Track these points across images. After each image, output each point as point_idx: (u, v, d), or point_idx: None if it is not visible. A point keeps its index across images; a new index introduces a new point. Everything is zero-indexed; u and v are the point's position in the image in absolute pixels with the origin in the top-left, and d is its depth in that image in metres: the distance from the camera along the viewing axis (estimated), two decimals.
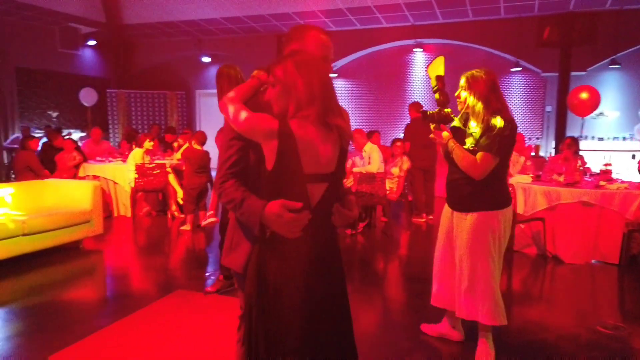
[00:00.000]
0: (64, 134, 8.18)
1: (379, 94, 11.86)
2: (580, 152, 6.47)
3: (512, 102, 10.93)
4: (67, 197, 5.50)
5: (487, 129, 2.63)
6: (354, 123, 12.06)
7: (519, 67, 10.19)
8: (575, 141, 6.13)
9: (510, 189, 4.95)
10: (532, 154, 8.89)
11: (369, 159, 5.96)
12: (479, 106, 2.64)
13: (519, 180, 5.52)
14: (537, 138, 10.43)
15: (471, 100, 2.67)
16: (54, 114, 11.82)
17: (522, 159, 6.43)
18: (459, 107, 2.79)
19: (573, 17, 9.18)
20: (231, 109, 1.63)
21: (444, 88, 2.77)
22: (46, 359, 2.91)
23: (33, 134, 10.14)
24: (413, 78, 11.48)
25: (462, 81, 2.72)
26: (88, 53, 12.84)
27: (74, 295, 4.17)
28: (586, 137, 9.36)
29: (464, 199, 2.77)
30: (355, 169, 6.01)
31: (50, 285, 4.37)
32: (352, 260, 5.28)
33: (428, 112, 2.83)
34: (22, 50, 10.96)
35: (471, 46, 10.59)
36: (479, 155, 2.62)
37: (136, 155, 6.90)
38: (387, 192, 6.25)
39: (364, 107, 12.09)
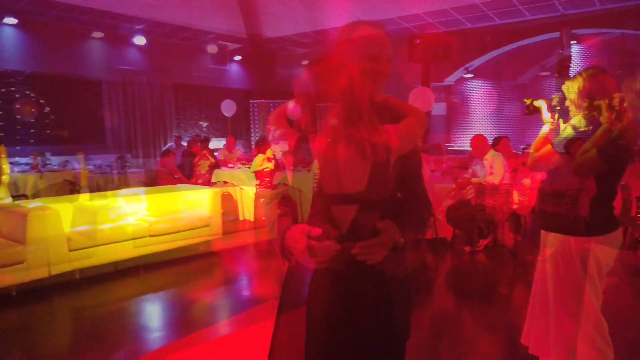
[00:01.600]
0: (201, 142, 8.90)
1: (520, 96, 10.69)
2: None
3: None
4: (190, 202, 5.91)
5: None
6: (489, 128, 11.06)
7: None
8: None
9: None
10: None
11: (491, 168, 5.29)
12: (579, 104, 2.36)
13: None
14: None
15: (573, 103, 2.40)
16: (204, 124, 13.14)
17: None
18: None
19: None
20: (271, 127, 1.51)
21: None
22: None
23: (183, 143, 11.33)
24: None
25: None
26: (234, 67, 13.99)
27: (182, 296, 4.42)
28: None
29: (548, 214, 2.43)
30: (474, 180, 5.38)
31: (164, 285, 4.72)
32: (468, 282, 4.80)
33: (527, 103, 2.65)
34: (180, 68, 12.37)
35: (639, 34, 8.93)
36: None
37: (257, 161, 7.17)
38: (516, 206, 5.49)
39: (502, 110, 11.02)
